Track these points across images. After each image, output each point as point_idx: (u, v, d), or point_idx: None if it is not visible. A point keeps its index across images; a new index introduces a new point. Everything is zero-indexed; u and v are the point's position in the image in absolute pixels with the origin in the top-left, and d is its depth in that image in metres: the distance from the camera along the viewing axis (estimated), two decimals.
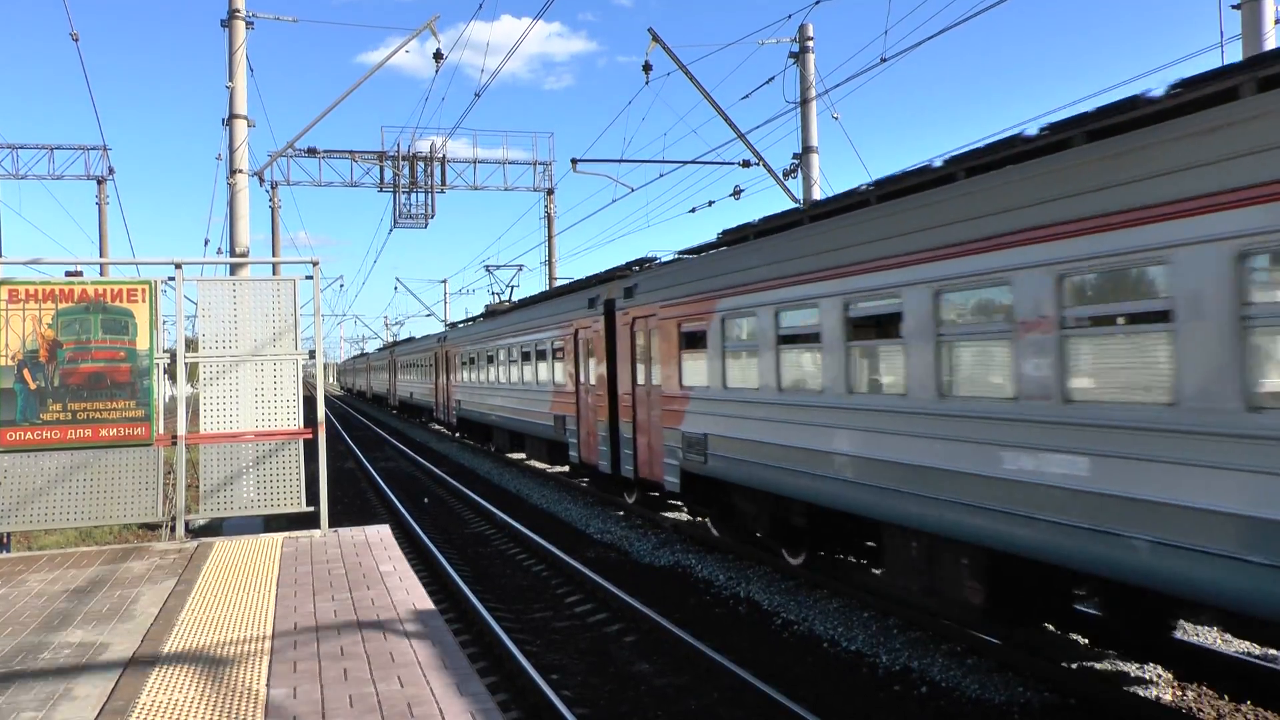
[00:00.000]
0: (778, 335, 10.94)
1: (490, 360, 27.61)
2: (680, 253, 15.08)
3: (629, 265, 17.57)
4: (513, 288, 38.24)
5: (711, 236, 15.62)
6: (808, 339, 10.48)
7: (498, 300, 35.31)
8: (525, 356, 23.65)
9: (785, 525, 11.90)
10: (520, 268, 39.70)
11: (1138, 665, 8.54)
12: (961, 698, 8.13)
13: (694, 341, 13.42)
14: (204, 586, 8.13)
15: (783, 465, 10.85)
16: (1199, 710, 7.54)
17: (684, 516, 16.80)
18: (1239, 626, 8.85)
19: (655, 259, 16.96)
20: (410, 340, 56.09)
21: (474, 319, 34.66)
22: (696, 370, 13.32)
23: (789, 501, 11.33)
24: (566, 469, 22.95)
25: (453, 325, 40.87)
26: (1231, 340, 5.77)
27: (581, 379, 19.02)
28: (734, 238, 12.96)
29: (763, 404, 11.26)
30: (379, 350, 78.13)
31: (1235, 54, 11.27)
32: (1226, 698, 7.77)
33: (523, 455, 26.66)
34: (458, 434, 36.63)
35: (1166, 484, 6.18)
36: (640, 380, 15.74)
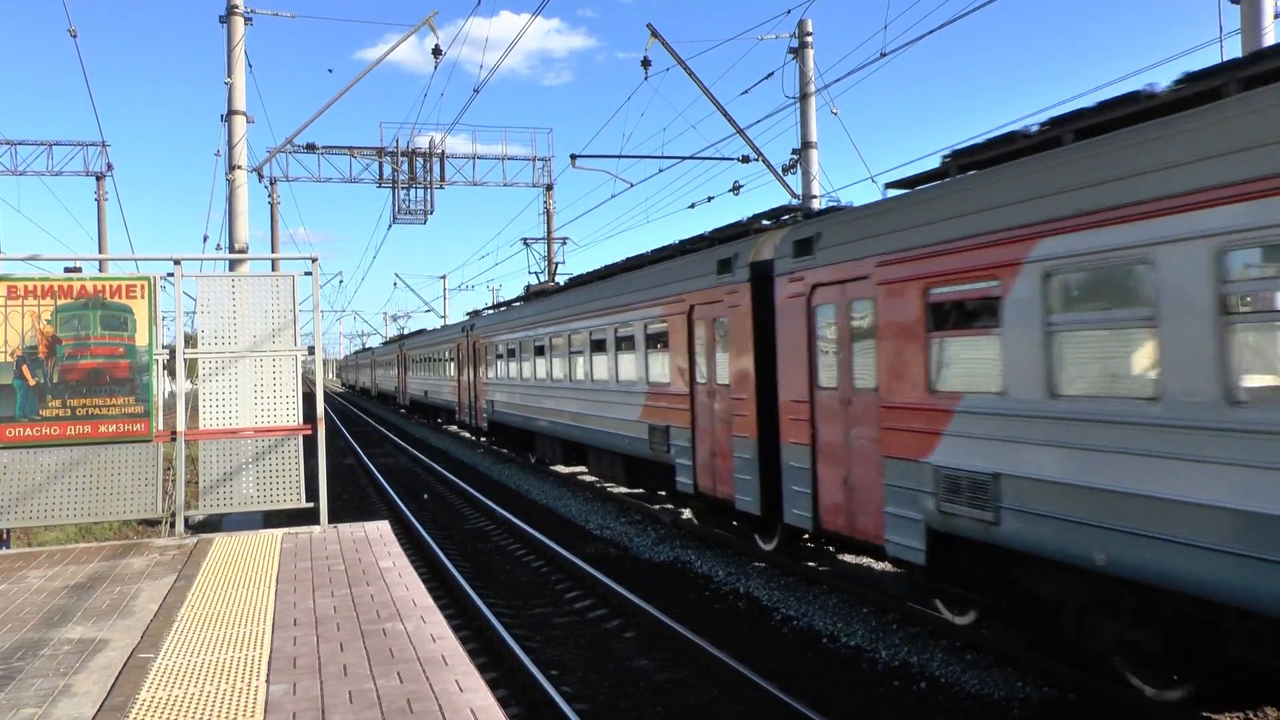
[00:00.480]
0: (1220, 298, 6.03)
1: (540, 352, 22.14)
2: (889, 185, 10.24)
3: (758, 217, 13.22)
4: (557, 265, 31.78)
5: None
6: None
7: (538, 281, 29.43)
8: (598, 346, 18.19)
9: (1186, 639, 7.02)
10: (564, 240, 33.18)
11: None
12: (960, 693, 8.14)
13: (960, 317, 8.61)
14: (203, 582, 8.13)
15: (1224, 546, 5.96)
16: (1197, 702, 7.54)
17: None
18: None
19: (798, 206, 12.79)
20: (423, 332, 50.76)
21: (511, 303, 28.58)
22: (969, 364, 8.50)
23: (1217, 606, 6.41)
24: (659, 494, 17.78)
25: (476, 313, 34.17)
26: None
27: (700, 376, 13.83)
28: (1028, 142, 8.09)
29: (1179, 427, 6.32)
30: (385, 344, 71.75)
31: (1234, 49, 11.26)
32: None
33: (579, 470, 22.52)
34: (486, 440, 31.06)
35: None
36: (828, 381, 10.66)
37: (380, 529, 10.56)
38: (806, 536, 12.12)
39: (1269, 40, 10.86)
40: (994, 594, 8.73)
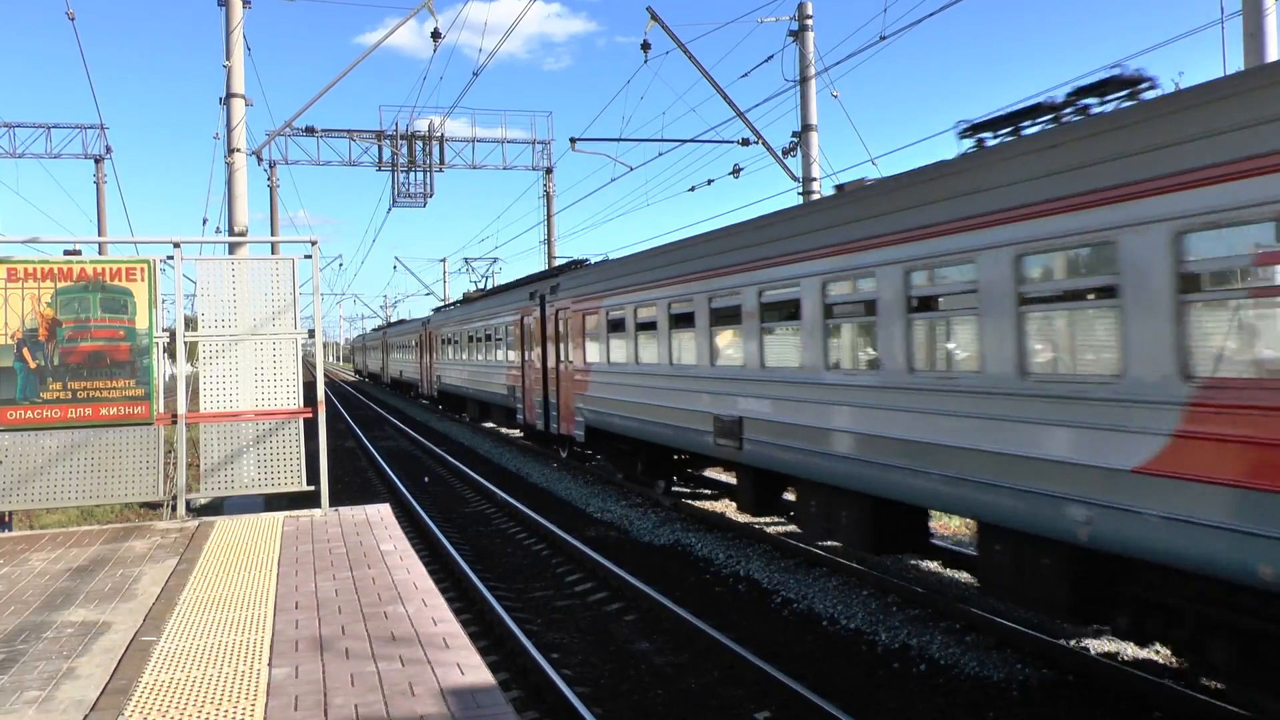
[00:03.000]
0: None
1: None
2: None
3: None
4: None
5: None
6: None
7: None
8: None
9: None
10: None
11: (1134, 643, 8.57)
12: (960, 675, 8.18)
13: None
14: (205, 566, 8.15)
15: None
16: (1196, 686, 7.57)
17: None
18: None
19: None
20: (576, 266, 21.95)
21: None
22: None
23: None
24: None
25: (843, 187, 10.55)
26: None
27: None
28: None
29: None
30: (438, 311, 42.10)
31: (1235, 30, 11.19)
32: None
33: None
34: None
35: None
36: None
37: (381, 512, 10.58)
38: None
39: (1270, 22, 10.78)
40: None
